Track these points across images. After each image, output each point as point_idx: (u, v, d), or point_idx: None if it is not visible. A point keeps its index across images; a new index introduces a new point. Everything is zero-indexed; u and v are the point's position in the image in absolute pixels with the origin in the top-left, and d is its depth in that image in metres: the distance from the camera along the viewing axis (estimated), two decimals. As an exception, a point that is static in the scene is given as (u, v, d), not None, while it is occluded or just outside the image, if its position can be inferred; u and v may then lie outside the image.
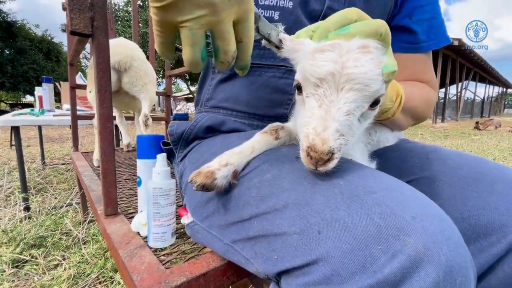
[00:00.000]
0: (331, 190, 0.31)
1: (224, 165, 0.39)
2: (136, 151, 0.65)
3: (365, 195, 0.29)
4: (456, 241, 0.26)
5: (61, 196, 2.06)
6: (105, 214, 0.67)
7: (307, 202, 0.31)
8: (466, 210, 0.38)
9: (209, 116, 0.60)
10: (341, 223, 0.28)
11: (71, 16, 0.56)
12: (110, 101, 0.63)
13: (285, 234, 0.31)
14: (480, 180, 0.39)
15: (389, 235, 0.25)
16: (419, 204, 0.28)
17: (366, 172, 0.33)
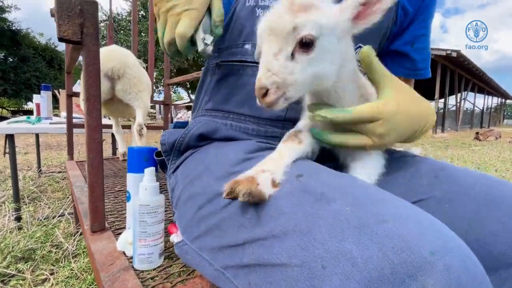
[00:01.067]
0: (337, 217, 0.27)
1: (261, 171, 0.36)
2: (127, 164, 0.62)
3: (376, 224, 0.25)
4: (482, 280, 0.23)
5: (55, 205, 2.01)
6: (91, 230, 0.63)
7: (309, 230, 0.27)
8: (482, 235, 0.34)
9: (201, 123, 0.56)
10: (348, 258, 0.24)
11: (59, 22, 0.54)
12: (99, 111, 0.60)
13: (285, 266, 0.28)
14: (499, 202, 0.35)
15: (404, 275, 0.22)
16: (438, 235, 0.24)
17: (375, 195, 0.29)
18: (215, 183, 0.43)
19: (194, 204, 0.45)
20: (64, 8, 0.54)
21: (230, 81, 0.59)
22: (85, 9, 0.56)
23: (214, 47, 0.55)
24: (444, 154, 5.06)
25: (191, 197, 0.46)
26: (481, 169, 3.59)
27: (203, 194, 0.44)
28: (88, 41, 0.57)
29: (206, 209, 0.42)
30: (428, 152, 5.27)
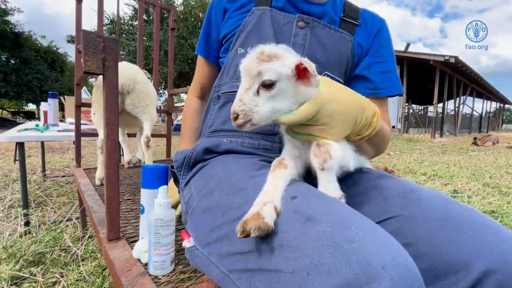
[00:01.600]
0: (319, 236, 0.36)
1: (264, 205, 0.42)
2: (141, 180, 0.70)
3: (346, 244, 0.34)
4: (415, 286, 0.31)
5: (61, 210, 2.08)
6: (108, 238, 0.71)
7: (299, 246, 0.36)
8: (438, 248, 0.42)
9: (206, 140, 0.69)
10: (326, 268, 0.33)
11: (85, 58, 0.62)
12: (117, 134, 0.69)
13: (280, 272, 0.36)
14: (450, 221, 0.43)
15: (363, 282, 0.30)
16: (389, 253, 0.33)
17: (349, 219, 0.38)
18: (226, 198, 0.51)
19: (209, 216, 0.53)
20: (90, 46, 0.62)
21: (228, 107, 0.71)
22: (107, 46, 0.64)
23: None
24: (441, 160, 5.14)
25: (206, 210, 0.54)
26: (476, 175, 3.66)
27: (216, 208, 0.52)
28: (109, 72, 0.65)
29: (218, 221, 0.50)
30: (425, 158, 5.34)
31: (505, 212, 2.06)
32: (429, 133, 12.06)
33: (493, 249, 0.39)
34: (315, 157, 0.47)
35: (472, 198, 2.48)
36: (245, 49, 0.71)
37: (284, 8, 0.74)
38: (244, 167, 0.55)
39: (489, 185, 3.09)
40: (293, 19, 0.71)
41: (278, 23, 0.71)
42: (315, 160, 0.47)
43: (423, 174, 3.62)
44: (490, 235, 0.41)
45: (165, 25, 9.79)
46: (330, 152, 0.47)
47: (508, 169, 4.19)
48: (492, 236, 0.41)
